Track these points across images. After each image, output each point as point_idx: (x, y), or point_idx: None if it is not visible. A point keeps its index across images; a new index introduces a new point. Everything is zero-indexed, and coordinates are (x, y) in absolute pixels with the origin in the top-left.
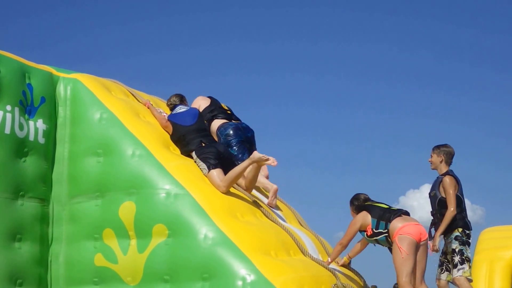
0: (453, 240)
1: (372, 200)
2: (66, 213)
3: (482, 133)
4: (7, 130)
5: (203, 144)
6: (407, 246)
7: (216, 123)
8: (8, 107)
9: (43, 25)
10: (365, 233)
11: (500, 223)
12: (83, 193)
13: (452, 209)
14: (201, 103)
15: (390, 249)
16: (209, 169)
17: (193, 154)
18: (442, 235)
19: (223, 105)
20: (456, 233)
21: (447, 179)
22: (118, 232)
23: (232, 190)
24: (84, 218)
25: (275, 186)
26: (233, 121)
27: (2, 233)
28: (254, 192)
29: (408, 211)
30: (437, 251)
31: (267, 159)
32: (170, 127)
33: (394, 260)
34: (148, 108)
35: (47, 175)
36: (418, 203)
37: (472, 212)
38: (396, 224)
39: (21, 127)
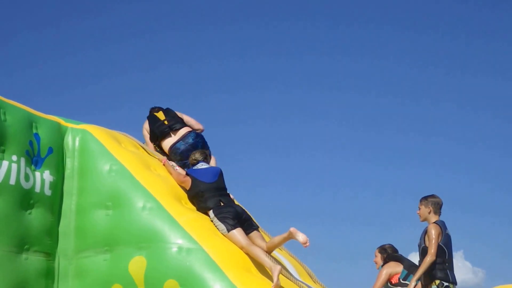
0: None
1: (401, 254)
2: (72, 268)
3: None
4: (12, 181)
5: (222, 204)
6: None
7: (166, 145)
8: (14, 157)
9: None
10: (389, 280)
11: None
12: (91, 247)
13: (432, 253)
14: (147, 127)
15: None
16: (229, 230)
17: (211, 212)
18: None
19: (158, 115)
20: (433, 286)
21: (431, 227)
22: None
23: None
24: (92, 274)
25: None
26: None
27: None
28: None
29: None
30: None
31: (304, 242)
32: (188, 182)
33: None
34: (164, 165)
35: (53, 228)
36: None
37: (474, 275)
38: (420, 286)
39: (27, 178)
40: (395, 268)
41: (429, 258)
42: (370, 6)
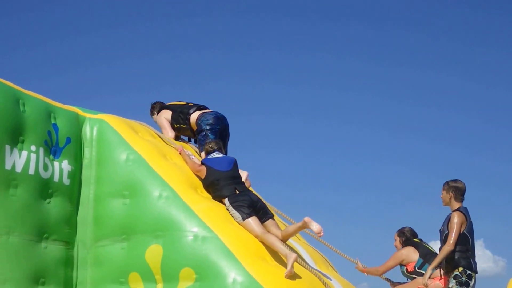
0: (451, 279)
1: (420, 239)
2: (91, 257)
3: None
4: (31, 171)
5: (237, 192)
6: None
7: (194, 116)
8: (33, 147)
9: None
10: (405, 268)
11: None
12: (109, 236)
13: (450, 243)
14: (166, 115)
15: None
16: (244, 219)
17: (226, 200)
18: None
19: (180, 102)
20: (456, 272)
21: (455, 215)
22: (144, 276)
23: None
24: (110, 262)
25: (246, 173)
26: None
27: (25, 276)
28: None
29: None
30: (425, 285)
31: (318, 231)
32: (203, 171)
33: (413, 282)
34: (180, 153)
35: (72, 217)
36: None
37: (494, 264)
38: (439, 273)
39: (45, 167)
40: (412, 254)
41: (448, 247)
42: (375, 6)
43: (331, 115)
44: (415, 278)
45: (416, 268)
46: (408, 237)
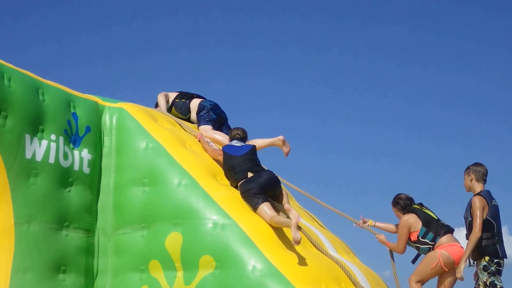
0: (482, 271)
1: (420, 204)
2: (111, 245)
3: None
4: (52, 160)
5: (249, 175)
6: (444, 263)
7: (196, 101)
8: (53, 136)
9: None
10: (410, 236)
11: None
12: (129, 224)
13: (476, 231)
14: (170, 95)
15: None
16: (256, 209)
17: (239, 187)
18: (472, 261)
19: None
20: (483, 262)
21: (475, 199)
22: (164, 264)
23: None
24: (130, 250)
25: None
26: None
27: (46, 264)
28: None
29: None
30: (461, 279)
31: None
32: (222, 157)
33: (423, 262)
34: (199, 141)
35: (92, 205)
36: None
37: None
38: (445, 240)
39: (65, 156)
40: (415, 222)
41: (475, 235)
42: (378, 3)
43: (334, 112)
44: (418, 247)
45: (420, 237)
46: (406, 203)
